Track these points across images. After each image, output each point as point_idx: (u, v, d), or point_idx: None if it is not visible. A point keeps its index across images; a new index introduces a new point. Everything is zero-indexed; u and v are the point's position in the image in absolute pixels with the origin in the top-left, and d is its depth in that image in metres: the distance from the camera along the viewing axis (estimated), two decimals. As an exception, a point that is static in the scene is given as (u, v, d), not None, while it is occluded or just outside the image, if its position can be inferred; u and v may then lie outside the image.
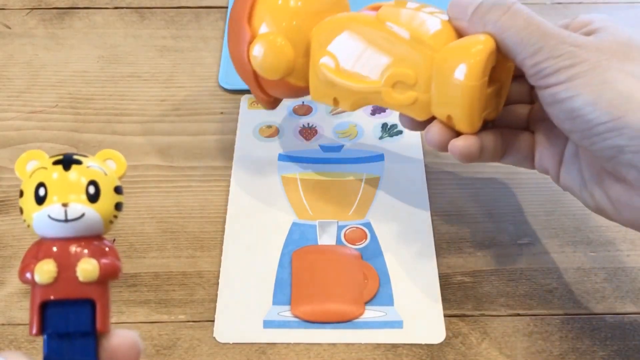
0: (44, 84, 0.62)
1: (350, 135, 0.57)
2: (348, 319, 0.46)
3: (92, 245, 0.33)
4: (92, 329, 0.32)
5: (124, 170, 0.34)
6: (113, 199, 0.33)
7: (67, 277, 0.32)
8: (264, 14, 0.48)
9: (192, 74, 0.63)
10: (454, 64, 0.42)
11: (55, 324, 0.32)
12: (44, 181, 0.33)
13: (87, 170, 0.33)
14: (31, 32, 0.67)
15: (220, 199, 0.53)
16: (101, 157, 0.34)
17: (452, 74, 0.42)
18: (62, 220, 0.32)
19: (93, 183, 0.33)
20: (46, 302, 0.32)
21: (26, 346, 0.45)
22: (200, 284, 0.48)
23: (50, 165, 0.33)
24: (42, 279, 0.32)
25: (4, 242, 0.51)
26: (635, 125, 0.37)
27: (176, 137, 0.58)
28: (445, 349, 0.45)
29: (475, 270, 0.49)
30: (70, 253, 0.32)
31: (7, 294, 0.48)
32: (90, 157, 0.34)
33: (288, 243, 0.50)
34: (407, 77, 0.44)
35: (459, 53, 0.42)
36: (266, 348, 0.45)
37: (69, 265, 0.32)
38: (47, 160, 0.34)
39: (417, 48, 0.43)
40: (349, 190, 0.53)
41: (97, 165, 0.33)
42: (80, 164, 0.33)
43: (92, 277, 0.32)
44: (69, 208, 0.32)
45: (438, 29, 0.44)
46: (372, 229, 0.51)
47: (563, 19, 0.68)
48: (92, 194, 0.32)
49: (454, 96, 0.42)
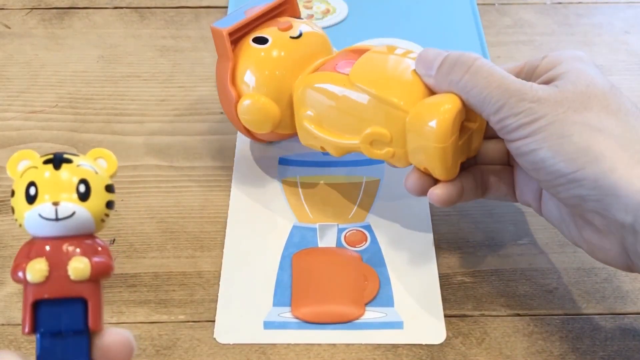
0: (43, 84, 0.62)
1: (350, 136, 0.57)
2: (348, 320, 0.46)
3: (84, 244, 0.33)
4: (84, 327, 0.32)
5: (115, 168, 0.34)
6: (104, 197, 0.33)
7: (59, 276, 0.32)
8: (244, 75, 0.50)
9: (192, 74, 0.63)
10: (423, 126, 0.43)
11: (47, 323, 0.32)
12: (35, 180, 0.33)
13: (78, 169, 0.33)
14: (31, 32, 0.67)
15: (220, 199, 0.53)
16: (92, 156, 0.34)
17: (422, 135, 0.43)
18: (52, 219, 0.32)
19: (83, 182, 0.33)
20: (38, 301, 0.32)
21: (26, 346, 0.45)
22: (200, 284, 0.48)
23: (41, 165, 0.33)
24: (33, 278, 0.32)
25: (3, 242, 0.51)
26: (594, 176, 0.38)
27: (176, 137, 0.58)
28: (445, 349, 0.45)
29: (476, 270, 0.49)
30: (61, 252, 0.32)
31: (7, 294, 0.48)
32: (81, 156, 0.34)
33: (288, 246, 0.50)
34: (382, 136, 0.45)
35: (427, 115, 0.43)
36: (266, 349, 0.45)
37: (60, 264, 0.32)
38: (37, 160, 0.34)
39: (387, 109, 0.45)
40: (349, 193, 0.53)
41: (87, 164, 0.33)
42: (71, 162, 0.33)
43: (83, 275, 0.32)
44: (59, 207, 0.32)
45: (407, 88, 0.45)
46: (372, 232, 0.51)
47: (563, 18, 0.68)
48: (82, 193, 0.32)
49: (427, 154, 0.44)
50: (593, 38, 0.66)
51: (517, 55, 0.64)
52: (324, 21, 0.67)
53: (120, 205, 0.53)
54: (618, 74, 0.63)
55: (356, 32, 0.66)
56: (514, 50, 0.65)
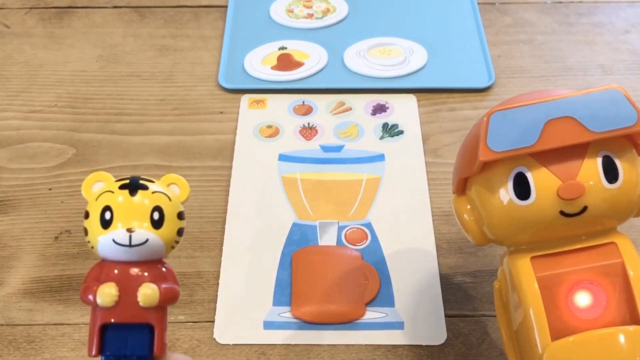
0: (42, 83, 0.62)
1: (350, 135, 0.57)
2: (349, 320, 0.46)
3: (153, 270, 0.33)
4: (149, 353, 0.33)
5: (187, 195, 0.35)
6: (176, 225, 0.34)
7: (128, 301, 0.33)
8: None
9: (191, 74, 0.63)
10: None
11: (113, 347, 0.33)
12: (111, 205, 0.33)
13: (152, 196, 0.33)
14: (30, 31, 0.67)
15: (220, 199, 0.53)
16: (165, 182, 0.35)
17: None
18: (126, 245, 0.33)
19: (157, 209, 0.33)
20: (106, 324, 0.33)
21: (25, 347, 0.45)
22: (199, 285, 0.48)
23: (117, 189, 0.34)
24: (104, 302, 0.32)
25: (3, 242, 0.51)
26: None
27: (175, 136, 0.57)
28: (446, 349, 0.45)
29: (476, 270, 0.49)
30: (131, 277, 0.33)
31: (6, 294, 0.48)
32: (155, 182, 0.34)
33: (288, 244, 0.50)
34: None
35: None
36: (266, 349, 0.45)
37: (130, 289, 0.33)
38: (113, 184, 0.34)
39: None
40: (350, 191, 0.53)
41: (162, 190, 0.34)
42: (146, 189, 0.34)
43: (152, 302, 0.33)
44: (133, 234, 0.33)
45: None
46: (372, 230, 0.51)
47: (564, 17, 0.68)
48: (156, 220, 0.33)
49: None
50: (594, 37, 0.66)
51: (517, 55, 0.64)
52: (324, 20, 0.67)
53: (120, 205, 0.52)
54: (619, 73, 0.63)
55: (356, 31, 0.66)
56: (515, 49, 0.65)
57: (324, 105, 0.59)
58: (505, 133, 0.36)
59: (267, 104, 0.60)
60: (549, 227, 0.36)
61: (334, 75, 0.62)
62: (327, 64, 0.63)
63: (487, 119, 0.36)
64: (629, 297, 0.36)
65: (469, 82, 0.61)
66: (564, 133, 0.35)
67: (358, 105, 0.59)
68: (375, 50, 0.64)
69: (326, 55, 0.63)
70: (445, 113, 0.59)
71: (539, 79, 0.62)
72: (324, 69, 0.62)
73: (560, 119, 0.35)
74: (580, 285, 0.36)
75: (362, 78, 0.62)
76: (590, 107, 0.36)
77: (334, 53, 0.64)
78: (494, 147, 0.35)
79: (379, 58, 0.63)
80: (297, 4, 0.69)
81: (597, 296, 0.36)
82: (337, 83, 0.61)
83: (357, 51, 0.64)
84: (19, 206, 0.53)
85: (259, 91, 0.61)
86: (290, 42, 0.65)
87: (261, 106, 0.59)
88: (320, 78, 0.62)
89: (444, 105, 0.60)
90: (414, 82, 0.61)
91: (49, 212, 0.52)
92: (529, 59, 0.64)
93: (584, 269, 0.36)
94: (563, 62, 0.64)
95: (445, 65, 0.63)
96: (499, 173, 0.37)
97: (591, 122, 0.35)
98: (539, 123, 0.35)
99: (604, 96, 0.36)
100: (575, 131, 0.35)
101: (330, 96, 0.60)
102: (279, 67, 0.62)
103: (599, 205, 0.36)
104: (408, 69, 0.62)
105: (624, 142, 0.37)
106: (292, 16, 0.67)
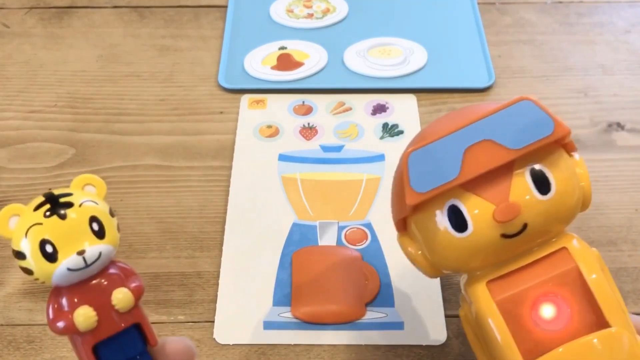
0: (42, 83, 0.62)
1: (350, 135, 0.57)
2: (349, 320, 0.46)
3: (111, 275, 0.33)
4: (144, 347, 0.33)
5: (105, 190, 0.34)
6: (114, 225, 0.33)
7: (107, 315, 0.32)
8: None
9: (191, 74, 0.63)
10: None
11: (112, 358, 0.33)
12: (47, 237, 0.31)
13: (81, 209, 0.32)
14: (30, 31, 0.67)
15: (220, 199, 0.53)
16: (78, 186, 0.33)
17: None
18: (82, 267, 0.32)
19: (94, 219, 0.32)
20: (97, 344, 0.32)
21: (25, 347, 0.45)
22: (199, 285, 0.48)
23: (42, 218, 0.32)
24: (87, 326, 0.32)
25: (2, 242, 0.51)
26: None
27: (175, 136, 0.57)
28: (446, 349, 0.45)
29: (476, 270, 0.49)
30: (98, 292, 0.32)
31: (6, 294, 0.48)
32: (73, 192, 0.32)
33: (288, 244, 0.50)
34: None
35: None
36: (266, 349, 0.45)
37: (103, 303, 0.32)
38: (32, 214, 0.32)
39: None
40: (350, 191, 0.53)
41: (85, 199, 0.32)
42: (72, 206, 0.32)
43: (129, 303, 0.32)
44: (86, 254, 0.32)
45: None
46: (372, 230, 0.51)
47: (564, 17, 0.68)
48: (97, 231, 0.32)
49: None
50: (594, 37, 0.66)
51: (517, 55, 0.64)
52: (324, 20, 0.67)
53: (120, 205, 0.52)
54: (619, 73, 0.62)
55: (356, 31, 0.66)
56: (515, 49, 0.65)
57: (324, 105, 0.59)
58: (427, 171, 0.35)
59: (267, 104, 0.60)
60: (494, 252, 0.35)
61: (334, 75, 0.62)
62: (327, 64, 0.63)
63: (405, 160, 0.35)
64: (591, 301, 0.35)
65: (469, 82, 0.61)
66: (485, 157, 0.34)
67: (358, 105, 0.59)
68: (375, 50, 0.64)
69: (326, 55, 0.63)
70: (445, 113, 0.59)
71: (539, 79, 0.62)
72: (324, 69, 0.62)
73: (478, 144, 0.34)
74: (541, 299, 0.36)
75: (362, 78, 0.62)
76: (505, 125, 0.35)
77: (334, 53, 0.64)
78: (418, 188, 0.35)
79: (379, 58, 0.63)
80: (297, 4, 0.69)
81: (560, 306, 0.35)
82: (337, 83, 0.61)
83: (357, 51, 0.64)
84: (19, 206, 0.53)
85: (259, 91, 0.61)
86: (290, 42, 0.65)
87: (261, 106, 0.59)
88: (320, 78, 0.62)
89: (444, 105, 0.60)
90: (414, 82, 0.61)
91: (48, 212, 0.52)
92: (529, 59, 0.64)
93: (541, 282, 0.36)
94: (563, 62, 0.64)
95: (445, 65, 0.63)
96: (432, 209, 0.36)
97: (509, 140, 0.34)
98: (458, 153, 0.34)
99: (516, 110, 0.35)
100: (496, 153, 0.34)
101: (330, 96, 0.60)
102: (279, 67, 0.62)
103: (538, 219, 0.35)
104: (408, 69, 0.62)
105: (549, 147, 0.35)
106: (292, 16, 0.67)
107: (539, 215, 0.35)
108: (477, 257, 0.36)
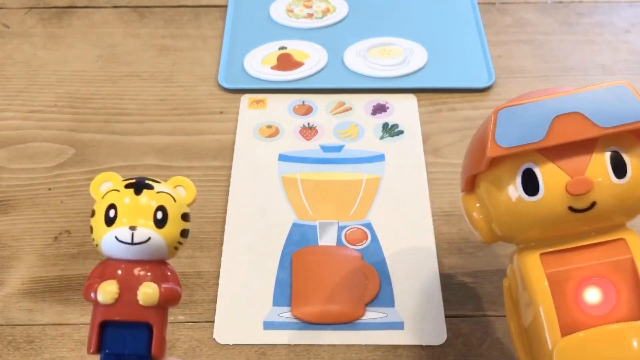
0: (42, 83, 0.62)
1: (350, 135, 0.57)
2: (349, 320, 0.46)
3: (155, 270, 0.34)
4: (147, 352, 0.33)
5: (194, 197, 0.36)
6: (179, 226, 0.34)
7: (128, 300, 0.33)
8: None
9: (191, 74, 0.63)
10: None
11: (112, 344, 0.33)
12: (115, 203, 0.34)
13: (157, 196, 0.34)
14: (30, 31, 0.67)
15: (220, 199, 0.53)
16: (172, 184, 0.35)
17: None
18: (128, 242, 0.33)
19: (161, 209, 0.34)
20: (106, 321, 0.33)
21: (24, 347, 0.45)
22: (199, 285, 0.48)
23: (123, 188, 0.34)
24: (104, 299, 0.33)
25: (2, 242, 0.51)
26: None
27: (175, 136, 0.57)
28: (446, 350, 0.45)
29: (477, 270, 0.49)
30: (133, 276, 0.33)
31: (6, 294, 0.48)
32: (161, 183, 0.35)
33: (288, 244, 0.50)
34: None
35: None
36: (266, 349, 0.45)
37: (130, 287, 0.33)
38: (120, 183, 0.34)
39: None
40: (350, 191, 0.53)
41: (167, 190, 0.34)
42: (152, 189, 0.34)
43: (152, 301, 0.33)
44: (136, 231, 0.33)
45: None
46: (372, 230, 0.51)
47: (564, 17, 0.68)
48: (159, 219, 0.34)
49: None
50: (594, 37, 0.66)
51: (517, 55, 0.64)
52: (324, 20, 0.67)
53: (120, 205, 0.52)
54: (619, 73, 0.62)
55: (356, 31, 0.66)
56: (515, 49, 0.65)
57: (324, 105, 0.59)
58: (514, 129, 0.35)
59: (267, 104, 0.60)
60: (557, 223, 0.36)
61: (334, 75, 0.62)
62: (327, 64, 0.63)
63: (495, 115, 0.36)
64: (639, 293, 0.36)
65: (469, 82, 0.61)
66: (572, 129, 0.35)
67: (358, 105, 0.59)
68: (375, 50, 0.64)
69: (326, 55, 0.63)
70: (445, 113, 0.59)
71: (539, 79, 0.62)
72: (324, 69, 0.62)
73: (568, 115, 0.35)
74: (590, 281, 0.36)
75: (362, 78, 0.62)
76: (597, 103, 0.36)
77: (334, 53, 0.64)
78: (502, 143, 0.35)
79: (379, 58, 0.63)
80: (297, 3, 0.69)
81: (607, 292, 0.36)
82: (337, 83, 0.61)
83: (357, 51, 0.64)
84: (19, 206, 0.53)
85: (259, 91, 0.61)
86: (290, 42, 0.65)
87: (261, 106, 0.59)
88: (320, 78, 0.62)
89: (444, 105, 0.60)
90: (414, 82, 0.61)
91: (48, 212, 0.52)
92: (529, 59, 0.64)
93: (594, 265, 0.36)
94: (563, 62, 0.64)
95: (445, 65, 0.63)
96: (507, 169, 0.36)
97: (599, 117, 0.35)
98: (547, 119, 0.35)
99: (611, 92, 0.36)
100: (583, 127, 0.35)
101: (330, 96, 0.60)
102: (279, 67, 0.62)
103: (608, 200, 0.36)
104: (408, 69, 0.62)
105: (632, 138, 0.37)
106: (292, 16, 0.67)
107: (610, 197, 0.35)
108: (539, 225, 0.36)
